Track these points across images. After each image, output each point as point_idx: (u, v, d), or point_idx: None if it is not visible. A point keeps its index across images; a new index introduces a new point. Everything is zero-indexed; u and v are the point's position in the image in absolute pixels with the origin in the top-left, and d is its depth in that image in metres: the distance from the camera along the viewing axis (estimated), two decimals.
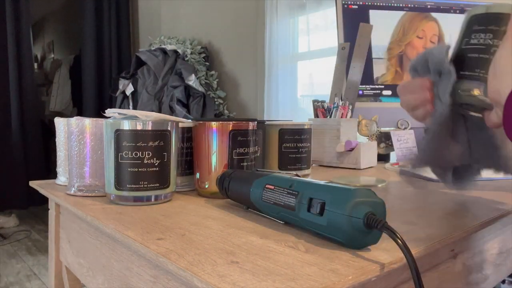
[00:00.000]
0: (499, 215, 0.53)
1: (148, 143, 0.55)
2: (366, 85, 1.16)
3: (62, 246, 0.70)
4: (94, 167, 0.62)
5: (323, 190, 0.40)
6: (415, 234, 0.44)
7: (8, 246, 2.71)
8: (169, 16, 3.49)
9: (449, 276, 0.49)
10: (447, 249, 0.49)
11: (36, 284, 2.11)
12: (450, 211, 0.55)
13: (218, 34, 2.99)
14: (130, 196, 0.56)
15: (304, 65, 2.43)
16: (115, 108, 3.16)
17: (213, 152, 0.60)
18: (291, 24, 2.45)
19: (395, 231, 0.34)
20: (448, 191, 0.68)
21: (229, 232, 0.44)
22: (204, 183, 0.62)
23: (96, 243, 0.56)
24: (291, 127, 0.79)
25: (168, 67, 2.82)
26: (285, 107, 2.46)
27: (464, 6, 1.26)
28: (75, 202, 0.58)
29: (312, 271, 0.33)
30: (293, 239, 0.42)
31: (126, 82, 3.08)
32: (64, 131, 0.72)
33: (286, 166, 0.80)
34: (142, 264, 0.44)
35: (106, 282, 0.53)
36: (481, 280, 0.57)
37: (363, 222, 0.36)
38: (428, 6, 1.24)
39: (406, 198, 0.63)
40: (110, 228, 0.46)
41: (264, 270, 0.33)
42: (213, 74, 2.90)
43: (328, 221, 0.38)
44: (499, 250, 0.62)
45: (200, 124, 0.61)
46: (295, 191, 0.43)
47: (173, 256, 0.36)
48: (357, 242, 0.38)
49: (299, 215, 0.42)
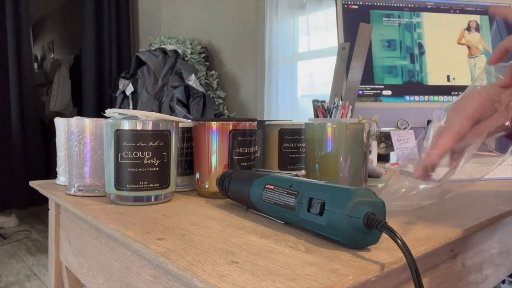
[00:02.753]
0: (499, 215, 0.53)
1: (148, 143, 0.55)
2: (366, 85, 1.16)
3: (62, 246, 0.70)
4: (94, 167, 0.62)
5: (323, 190, 0.40)
6: (415, 234, 0.44)
7: (8, 246, 2.71)
8: (169, 16, 3.49)
9: (449, 276, 0.49)
10: (447, 249, 0.49)
11: (36, 284, 2.11)
12: (450, 211, 0.55)
13: (218, 34, 2.99)
14: (130, 196, 0.56)
15: (304, 65, 2.43)
16: (115, 108, 3.16)
17: (213, 152, 0.60)
18: (291, 24, 2.45)
19: (395, 231, 0.34)
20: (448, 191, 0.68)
21: (229, 232, 0.44)
22: (204, 183, 0.62)
23: (96, 243, 0.56)
24: (291, 127, 0.79)
25: (168, 67, 2.82)
26: (285, 107, 2.46)
27: (464, 6, 1.26)
28: (75, 202, 0.58)
29: (312, 271, 0.33)
30: (293, 239, 0.42)
31: (126, 82, 3.08)
32: (64, 131, 0.72)
33: (286, 166, 0.80)
34: (142, 264, 0.44)
35: (106, 282, 0.53)
36: (481, 280, 0.57)
37: (363, 222, 0.36)
38: (428, 6, 1.24)
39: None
40: (110, 228, 0.46)
41: (264, 270, 0.33)
42: (213, 74, 2.90)
43: (328, 221, 0.38)
44: (499, 250, 0.62)
45: (200, 124, 0.61)
46: (295, 191, 0.43)
47: (173, 256, 0.36)
48: (357, 242, 0.38)
49: (299, 215, 0.42)
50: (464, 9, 1.26)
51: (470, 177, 0.81)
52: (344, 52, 1.12)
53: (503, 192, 0.68)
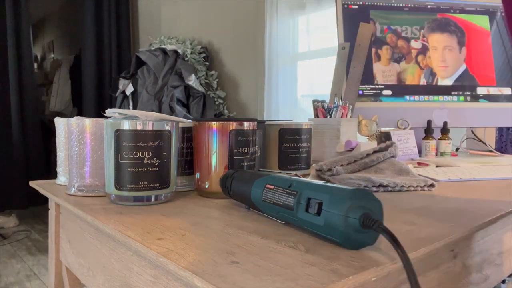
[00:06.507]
0: (499, 215, 0.53)
1: (148, 143, 0.55)
2: (366, 85, 1.16)
3: (62, 246, 0.70)
4: (94, 167, 0.62)
5: (321, 190, 0.40)
6: (415, 234, 0.44)
7: (8, 246, 2.71)
8: (169, 16, 3.49)
9: (449, 276, 0.49)
10: (447, 249, 0.49)
11: (36, 284, 2.11)
12: (450, 211, 0.55)
13: (218, 34, 2.99)
14: (130, 196, 0.56)
15: (304, 65, 2.43)
16: (115, 108, 3.16)
17: (213, 152, 0.60)
18: (291, 24, 2.45)
19: (391, 232, 0.34)
20: (447, 191, 0.68)
21: (229, 232, 0.44)
22: (204, 183, 0.62)
23: (96, 243, 0.56)
24: (291, 127, 0.79)
25: (168, 67, 2.82)
26: (285, 107, 2.46)
27: (464, 6, 1.26)
28: (75, 202, 0.58)
29: (312, 271, 0.33)
30: (293, 239, 0.42)
31: (126, 82, 3.08)
32: (64, 131, 0.72)
33: (286, 166, 0.80)
34: (142, 264, 0.44)
35: (106, 282, 0.53)
36: (481, 280, 0.57)
37: (359, 222, 0.36)
38: (428, 6, 1.24)
39: (406, 198, 0.63)
40: (110, 228, 0.46)
41: (264, 270, 0.33)
42: (213, 74, 2.90)
43: (325, 221, 0.38)
44: (499, 250, 0.62)
45: (200, 124, 0.61)
46: (294, 191, 0.43)
47: (174, 256, 0.36)
48: (354, 242, 0.38)
49: (298, 215, 0.42)
50: (464, 9, 1.26)
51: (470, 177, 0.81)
52: (344, 52, 1.12)
53: (503, 192, 0.69)
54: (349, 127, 1.01)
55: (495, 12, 1.28)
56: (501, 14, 1.28)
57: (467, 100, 1.22)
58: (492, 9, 1.28)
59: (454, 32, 1.24)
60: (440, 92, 1.21)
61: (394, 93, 1.18)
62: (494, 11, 1.28)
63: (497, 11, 1.28)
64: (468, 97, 1.22)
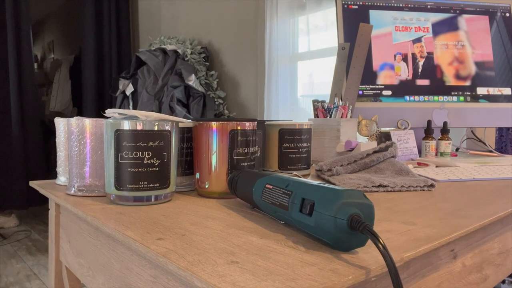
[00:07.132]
0: (499, 215, 0.53)
1: (148, 143, 0.55)
2: (366, 85, 1.16)
3: (62, 246, 0.70)
4: (94, 167, 0.62)
5: (314, 191, 0.40)
6: (415, 234, 0.44)
7: (8, 246, 2.71)
8: (169, 16, 3.49)
9: (449, 276, 0.49)
10: (447, 249, 0.49)
11: (36, 284, 2.11)
12: (450, 211, 0.55)
13: (218, 34, 2.99)
14: (130, 196, 0.56)
15: (304, 65, 2.43)
16: (115, 108, 3.17)
17: (213, 152, 0.60)
18: (291, 24, 2.45)
19: (377, 234, 0.34)
20: (447, 191, 0.68)
21: (229, 232, 0.44)
22: (204, 183, 0.62)
23: (96, 243, 0.56)
24: (291, 127, 0.79)
25: (168, 67, 2.82)
26: (285, 107, 2.46)
27: (464, 6, 1.26)
28: (75, 202, 0.58)
29: (312, 271, 0.33)
30: (293, 239, 0.42)
31: (126, 82, 3.08)
32: (64, 131, 0.72)
33: (286, 166, 0.80)
34: (142, 264, 0.44)
35: (106, 282, 0.53)
36: (481, 280, 0.57)
37: (347, 223, 0.36)
38: (428, 6, 1.24)
39: (406, 198, 0.63)
40: (110, 228, 0.46)
41: (264, 270, 0.33)
42: (213, 74, 2.90)
43: (316, 222, 0.38)
44: (499, 250, 0.62)
45: (200, 124, 0.61)
46: (289, 191, 0.43)
47: (173, 256, 0.36)
48: (343, 244, 0.37)
49: (292, 215, 0.41)
50: (464, 9, 1.26)
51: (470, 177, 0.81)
52: (344, 52, 1.12)
53: (503, 192, 0.69)
54: (349, 127, 1.01)
55: (495, 12, 1.28)
56: (501, 14, 1.28)
57: (467, 100, 1.22)
58: (492, 9, 1.28)
59: (456, 31, 1.24)
60: (440, 92, 1.21)
61: (394, 93, 1.18)
62: (494, 11, 1.28)
63: (497, 11, 1.28)
64: (468, 97, 1.22)
